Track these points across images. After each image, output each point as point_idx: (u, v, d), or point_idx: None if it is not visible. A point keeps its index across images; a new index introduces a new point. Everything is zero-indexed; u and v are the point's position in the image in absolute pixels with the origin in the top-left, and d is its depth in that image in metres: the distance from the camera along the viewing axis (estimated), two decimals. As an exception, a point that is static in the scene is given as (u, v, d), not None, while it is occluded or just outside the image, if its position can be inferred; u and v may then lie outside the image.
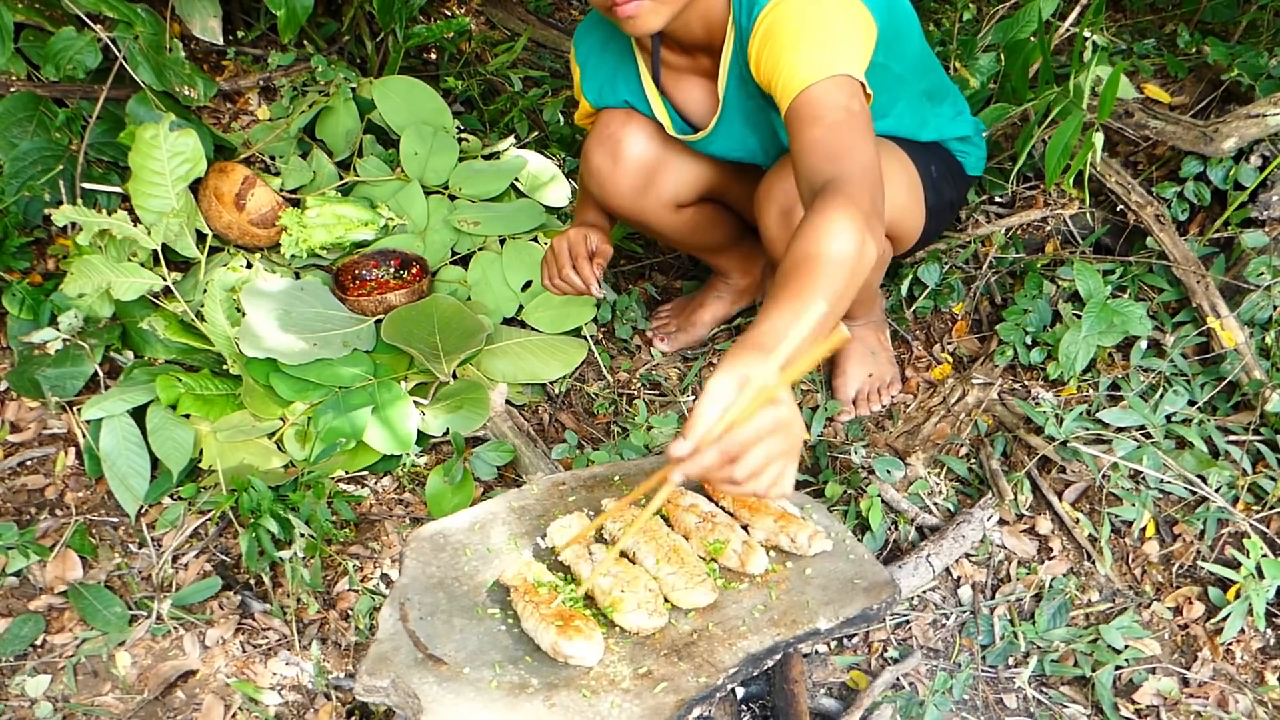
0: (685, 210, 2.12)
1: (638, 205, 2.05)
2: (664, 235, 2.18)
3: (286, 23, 2.28)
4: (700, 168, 2.06)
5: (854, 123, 1.45)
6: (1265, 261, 2.04)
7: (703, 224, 2.17)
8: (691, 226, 2.15)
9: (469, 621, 1.39)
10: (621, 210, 2.07)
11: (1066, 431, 1.93)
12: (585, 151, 2.04)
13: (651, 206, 2.06)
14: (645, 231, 2.19)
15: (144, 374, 2.05)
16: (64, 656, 1.74)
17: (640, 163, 2.00)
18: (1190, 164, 2.24)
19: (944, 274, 2.34)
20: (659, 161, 2.01)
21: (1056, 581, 1.80)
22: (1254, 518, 1.80)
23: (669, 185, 2.04)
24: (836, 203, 1.32)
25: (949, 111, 2.01)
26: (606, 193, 2.04)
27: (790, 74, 1.50)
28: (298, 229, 2.32)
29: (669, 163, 2.02)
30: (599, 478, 1.71)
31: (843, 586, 1.43)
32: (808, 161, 1.44)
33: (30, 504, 2.01)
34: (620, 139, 1.98)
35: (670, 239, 2.21)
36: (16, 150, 2.22)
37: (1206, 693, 1.64)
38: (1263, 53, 2.36)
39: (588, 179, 2.06)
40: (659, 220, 2.10)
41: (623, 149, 1.98)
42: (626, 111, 1.99)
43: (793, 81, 1.49)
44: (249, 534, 1.79)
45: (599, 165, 2.01)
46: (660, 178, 2.03)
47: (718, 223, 2.21)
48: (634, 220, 2.11)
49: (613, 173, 2.01)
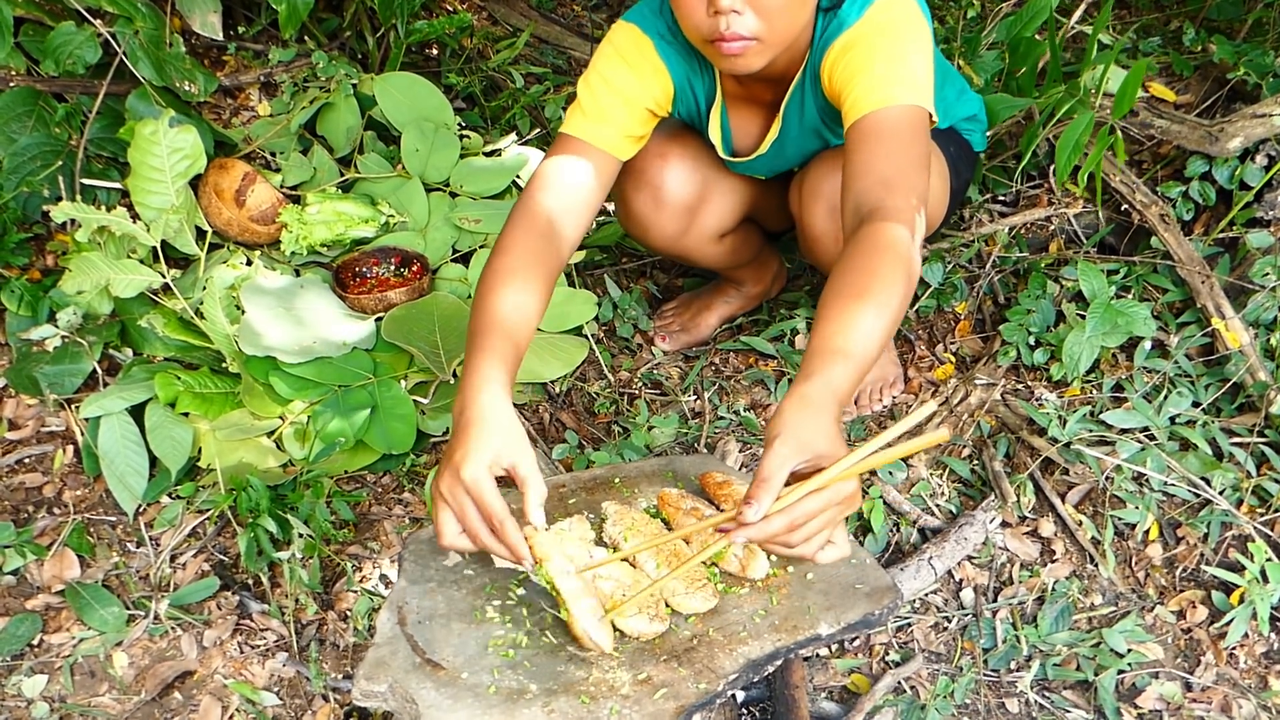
0: (725, 239, 2.10)
1: (680, 244, 2.03)
2: (703, 264, 2.16)
3: (287, 18, 2.26)
4: (738, 192, 2.04)
5: (917, 155, 1.46)
6: (1270, 262, 2.03)
7: (739, 246, 2.16)
8: (730, 251, 2.14)
9: (467, 626, 1.38)
10: (662, 249, 2.05)
11: (1070, 433, 1.92)
12: (624, 198, 1.96)
13: (694, 243, 2.04)
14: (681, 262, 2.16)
15: (143, 372, 2.04)
16: (61, 656, 1.73)
17: (683, 202, 1.95)
18: (1195, 163, 2.23)
19: (947, 273, 2.32)
20: (700, 197, 1.97)
21: (1059, 584, 1.79)
22: (1258, 521, 1.79)
23: (712, 219, 2.02)
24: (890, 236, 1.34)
25: (952, 93, 2.00)
26: (650, 237, 2.01)
27: (865, 92, 1.49)
28: (298, 226, 2.31)
29: (710, 196, 1.98)
30: (600, 480, 1.70)
31: (844, 591, 1.42)
32: (862, 182, 1.43)
33: (28, 502, 2.01)
34: (661, 183, 1.92)
35: (708, 266, 2.19)
36: (15, 145, 2.20)
37: (1210, 697, 1.64)
38: (1269, 51, 2.35)
39: (628, 224, 2.01)
40: (700, 253, 2.08)
41: (665, 193, 1.93)
42: (659, 147, 1.90)
43: (865, 100, 1.49)
44: (247, 533, 1.79)
45: (641, 211, 1.96)
46: (702, 212, 1.99)
47: (750, 240, 2.20)
48: (672, 255, 2.09)
49: (656, 218, 1.96)
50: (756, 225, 2.21)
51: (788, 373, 2.25)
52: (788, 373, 2.25)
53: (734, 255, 2.17)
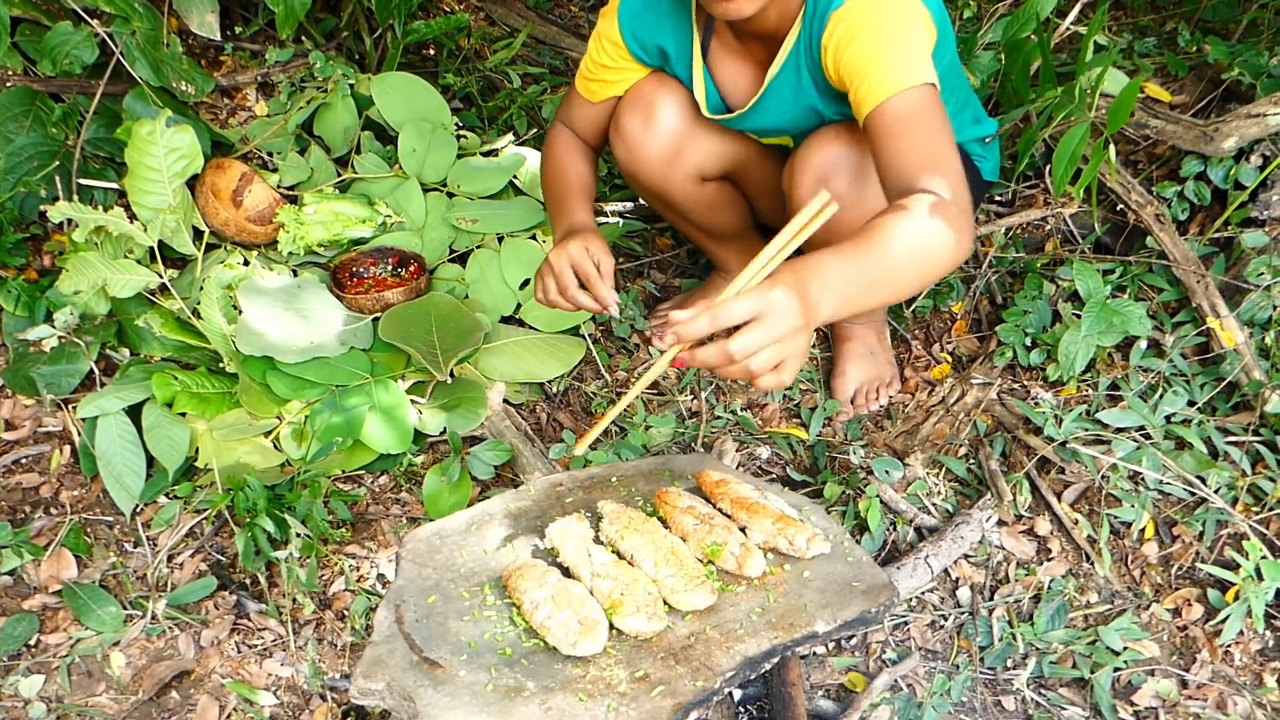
0: (709, 185, 2.10)
1: (664, 174, 2.03)
2: (684, 210, 2.14)
3: (285, 18, 2.26)
4: (728, 142, 2.05)
5: (943, 132, 1.53)
6: (1265, 261, 2.03)
7: (723, 201, 2.15)
8: (711, 202, 2.13)
9: (465, 624, 1.38)
10: (648, 177, 2.04)
11: (1066, 432, 1.93)
12: (616, 116, 2.00)
13: (677, 177, 2.04)
14: (663, 207, 2.16)
15: (140, 372, 2.04)
16: (58, 656, 1.73)
17: (672, 128, 1.97)
18: (1190, 163, 2.23)
19: (943, 273, 2.33)
20: (689, 131, 1.99)
21: (1055, 583, 1.79)
22: (1253, 519, 1.80)
23: (697, 155, 2.02)
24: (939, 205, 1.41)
25: (969, 117, 2.01)
26: (636, 158, 2.01)
27: (879, 79, 1.54)
28: (295, 226, 2.31)
29: (699, 133, 2.00)
30: (597, 479, 1.70)
31: (841, 589, 1.42)
32: (904, 170, 1.49)
33: (25, 502, 2.01)
34: (654, 103, 1.95)
35: (689, 215, 2.16)
36: (12, 146, 2.20)
37: (1205, 695, 1.64)
38: (1263, 52, 2.35)
39: (616, 145, 2.02)
40: (683, 192, 2.07)
41: (655, 113, 1.96)
42: (659, 78, 1.96)
43: (880, 88, 1.54)
44: (245, 533, 1.79)
45: (630, 128, 1.98)
46: (689, 146, 2.01)
47: (735, 204, 2.19)
48: (657, 191, 2.08)
49: (644, 137, 1.98)
50: (746, 202, 2.22)
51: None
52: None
53: (715, 210, 2.15)
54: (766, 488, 1.64)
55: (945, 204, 1.42)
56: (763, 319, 1.19)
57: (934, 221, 1.40)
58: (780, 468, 2.08)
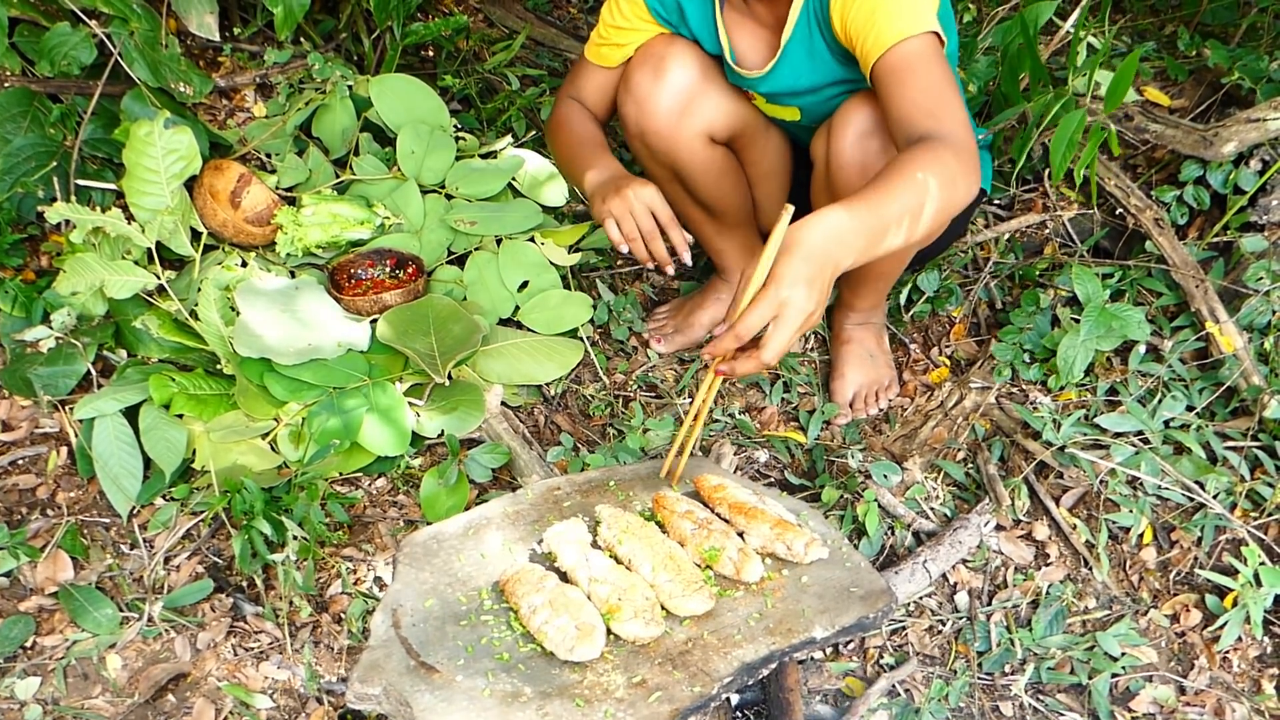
0: (716, 149, 2.09)
1: (672, 131, 2.01)
2: (689, 176, 2.11)
3: (283, 20, 2.26)
4: (738, 105, 2.05)
5: (946, 79, 1.62)
6: (1264, 266, 2.03)
7: (729, 170, 2.14)
8: (719, 169, 2.12)
9: (462, 628, 1.38)
10: (656, 135, 2.02)
11: (1064, 437, 1.92)
12: (626, 73, 2.00)
13: (685, 134, 2.02)
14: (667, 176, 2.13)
15: (137, 373, 2.03)
16: (54, 658, 1.73)
17: (682, 84, 1.97)
18: (1190, 168, 2.23)
19: (943, 279, 2.33)
20: (700, 87, 1.98)
21: (1053, 588, 1.79)
22: (1252, 525, 1.80)
23: (706, 113, 2.01)
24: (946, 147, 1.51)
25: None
26: (644, 114, 1.99)
27: (882, 30, 1.62)
28: (293, 227, 2.30)
29: (709, 90, 2.00)
30: (594, 483, 1.70)
31: (839, 595, 1.42)
32: (909, 116, 1.59)
33: (21, 504, 2.00)
34: (665, 58, 1.95)
35: (695, 183, 2.13)
36: (10, 146, 2.20)
37: (1203, 701, 1.64)
38: (1263, 56, 2.36)
39: (624, 101, 2.02)
40: (690, 152, 2.05)
41: (666, 67, 1.96)
42: (670, 37, 1.97)
43: (884, 36, 1.62)
44: (242, 536, 1.78)
45: (640, 83, 1.97)
46: (699, 102, 2.00)
47: (738, 178, 2.18)
48: (664, 152, 2.05)
49: (653, 91, 1.97)
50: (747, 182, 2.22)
51: (782, 375, 2.25)
52: (782, 375, 2.25)
53: (722, 179, 2.14)
54: (764, 492, 1.64)
55: (952, 147, 1.51)
56: (781, 319, 1.34)
57: (941, 166, 1.49)
58: (778, 471, 2.07)
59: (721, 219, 2.22)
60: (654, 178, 2.15)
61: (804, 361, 2.30)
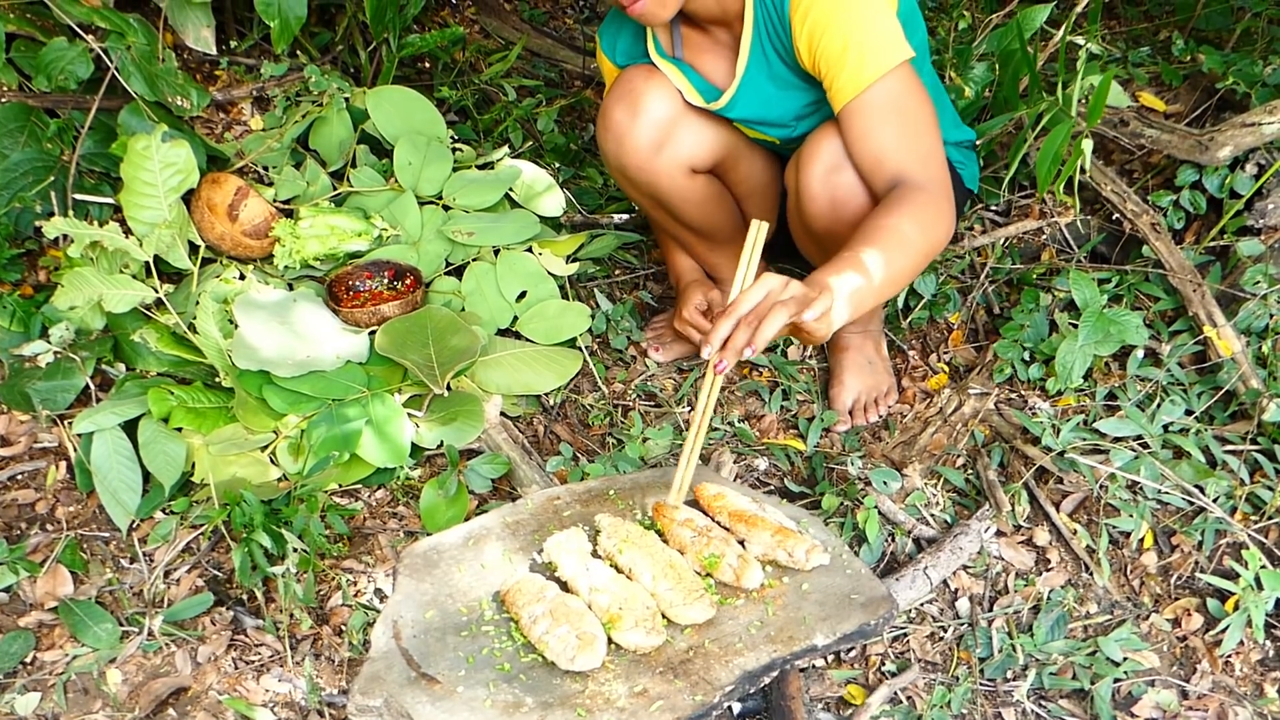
0: (698, 178, 2.10)
1: (652, 164, 2.02)
2: (673, 207, 2.13)
3: (280, 33, 2.27)
4: (717, 132, 2.05)
5: (920, 114, 1.66)
6: (1261, 270, 2.04)
7: (713, 196, 2.15)
8: (702, 197, 2.13)
9: (463, 639, 1.37)
10: (636, 169, 2.03)
11: (1064, 442, 1.92)
12: (604, 109, 2.02)
13: (665, 167, 2.03)
14: (652, 206, 2.15)
15: (136, 387, 2.03)
16: (54, 674, 1.72)
17: (659, 118, 1.97)
18: (1186, 172, 2.24)
19: (940, 284, 2.33)
20: (677, 120, 1.99)
21: (1054, 593, 1.79)
22: (1252, 528, 1.80)
23: (685, 145, 2.02)
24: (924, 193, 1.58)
25: (948, 120, 2.01)
26: (624, 150, 2.01)
27: (854, 71, 1.64)
28: (291, 240, 2.30)
29: (687, 122, 2.00)
30: (594, 492, 1.70)
31: (840, 602, 1.42)
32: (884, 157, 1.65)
33: (20, 518, 2.00)
34: (641, 93, 1.96)
35: (679, 212, 2.15)
36: (8, 161, 2.20)
37: (1206, 705, 1.64)
38: (1257, 61, 2.36)
39: (604, 138, 2.03)
40: (671, 184, 2.06)
41: (642, 103, 1.96)
42: (649, 69, 1.97)
43: (858, 78, 1.64)
44: (241, 549, 1.78)
45: (618, 120, 1.98)
46: (677, 135, 2.00)
47: (724, 202, 2.19)
48: (645, 185, 2.07)
49: (631, 127, 1.98)
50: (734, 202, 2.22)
51: (781, 383, 2.25)
52: (781, 383, 2.25)
53: (705, 206, 2.14)
54: (764, 500, 1.64)
55: (929, 192, 1.59)
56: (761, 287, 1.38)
57: (926, 215, 1.55)
58: (778, 479, 2.07)
59: (711, 238, 2.24)
60: (639, 205, 2.22)
61: (803, 369, 2.30)
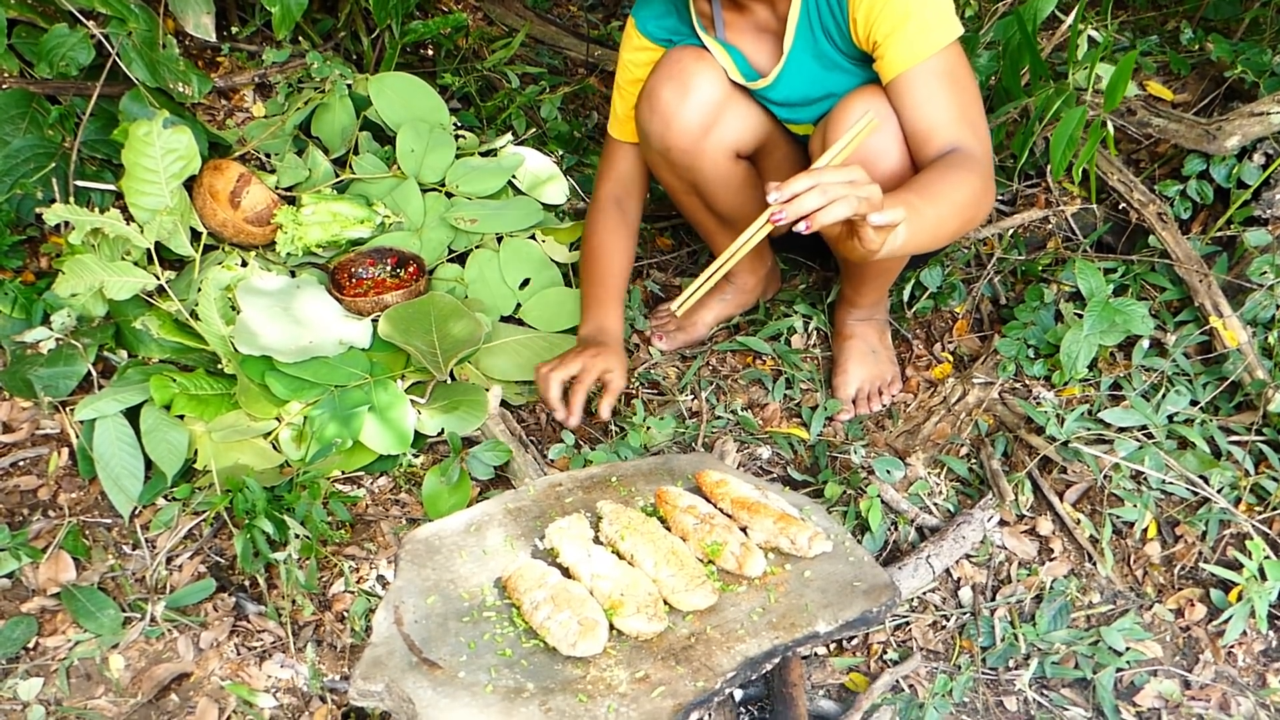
0: (739, 163, 2.08)
1: (699, 146, 1.99)
2: (710, 192, 2.10)
3: (281, 19, 2.26)
4: (760, 118, 2.04)
5: (973, 90, 1.72)
6: (1268, 260, 2.03)
7: (749, 183, 2.13)
8: (740, 183, 2.10)
9: (464, 625, 1.37)
10: (681, 152, 2.00)
11: (1068, 432, 1.92)
12: (649, 89, 1.97)
13: (710, 150, 2.00)
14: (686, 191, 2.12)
15: (138, 374, 2.03)
16: (57, 659, 1.72)
17: (708, 99, 1.94)
18: (1193, 162, 2.23)
19: (945, 275, 2.32)
20: (725, 103, 1.97)
21: (1057, 583, 1.78)
22: (1256, 519, 1.79)
23: (731, 128, 2.00)
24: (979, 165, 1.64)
25: None
26: (670, 131, 1.97)
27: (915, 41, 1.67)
28: (293, 227, 2.30)
29: (734, 105, 1.98)
30: (596, 479, 1.69)
31: (842, 589, 1.41)
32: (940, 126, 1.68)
33: (23, 505, 2.00)
34: (691, 74, 1.93)
35: (715, 198, 2.13)
36: (9, 148, 2.20)
37: (1208, 695, 1.63)
38: (1266, 50, 2.35)
39: (649, 119, 1.99)
40: (713, 168, 2.04)
41: (692, 83, 1.93)
42: (697, 50, 1.94)
43: (917, 48, 1.68)
44: (244, 535, 1.78)
45: (666, 100, 1.94)
46: (724, 118, 1.98)
47: (756, 191, 2.17)
48: (686, 168, 2.04)
49: (680, 108, 1.94)
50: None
51: (785, 371, 2.25)
52: (785, 371, 2.25)
53: (742, 193, 2.12)
54: (767, 487, 1.64)
55: (981, 166, 1.63)
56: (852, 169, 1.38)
57: (982, 183, 1.60)
58: (781, 467, 2.07)
59: (734, 226, 2.22)
60: (669, 188, 2.17)
61: (806, 358, 2.30)
